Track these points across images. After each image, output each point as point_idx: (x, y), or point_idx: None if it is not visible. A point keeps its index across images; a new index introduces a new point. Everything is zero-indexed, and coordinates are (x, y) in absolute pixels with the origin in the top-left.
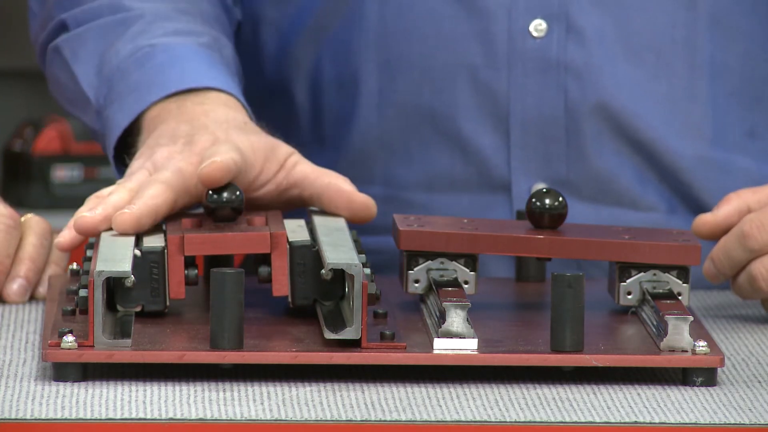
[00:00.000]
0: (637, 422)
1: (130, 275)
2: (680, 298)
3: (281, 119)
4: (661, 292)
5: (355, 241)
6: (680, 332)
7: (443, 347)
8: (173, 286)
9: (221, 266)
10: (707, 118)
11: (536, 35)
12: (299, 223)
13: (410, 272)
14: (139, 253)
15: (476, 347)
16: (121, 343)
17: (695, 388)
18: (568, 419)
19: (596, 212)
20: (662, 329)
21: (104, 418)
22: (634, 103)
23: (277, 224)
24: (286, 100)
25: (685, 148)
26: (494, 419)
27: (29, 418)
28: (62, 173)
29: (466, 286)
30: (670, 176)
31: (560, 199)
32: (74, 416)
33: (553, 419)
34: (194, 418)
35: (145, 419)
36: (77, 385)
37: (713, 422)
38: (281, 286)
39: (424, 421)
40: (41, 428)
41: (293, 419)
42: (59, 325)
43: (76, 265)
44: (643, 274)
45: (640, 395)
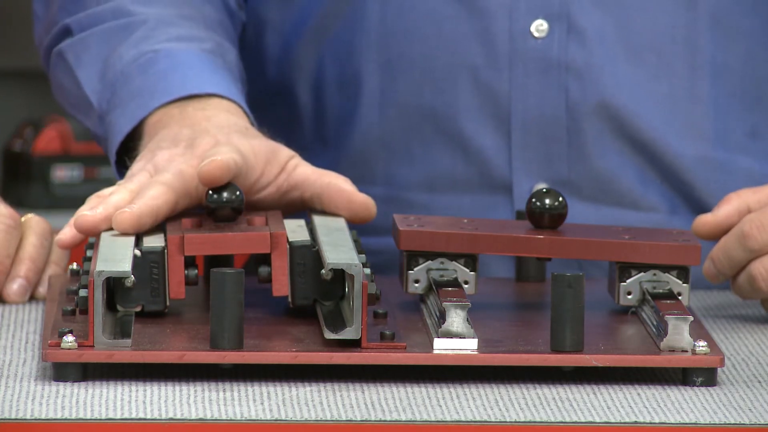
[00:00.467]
0: (637, 422)
1: (130, 275)
2: (680, 298)
3: (284, 121)
4: (661, 292)
5: (355, 241)
6: (680, 332)
7: (443, 347)
8: (173, 286)
9: (221, 266)
10: (708, 118)
11: (537, 35)
12: (299, 223)
13: (410, 272)
14: (139, 253)
15: (476, 347)
16: (121, 343)
17: (695, 388)
18: (568, 419)
19: (597, 212)
20: (662, 329)
21: (104, 418)
22: (635, 103)
23: (277, 224)
24: (288, 101)
25: (686, 148)
26: (494, 419)
27: (29, 418)
28: (62, 173)
29: (466, 286)
30: (671, 176)
31: (560, 199)
32: (74, 416)
33: (553, 419)
34: (194, 418)
35: (145, 419)
36: (77, 385)
37: (713, 422)
38: (281, 286)
39: (424, 421)
40: (41, 428)
41: (293, 419)
42: (59, 325)
43: (76, 265)
44: (643, 274)
45: (640, 395)
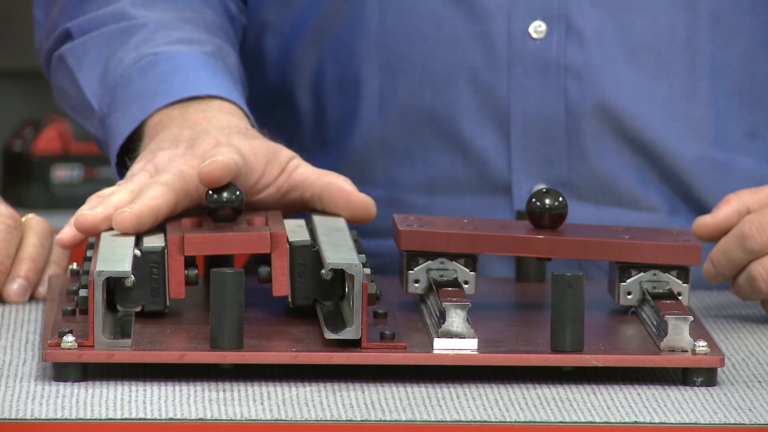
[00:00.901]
0: (637, 422)
1: (130, 275)
2: (680, 298)
3: (284, 123)
4: (661, 292)
5: (355, 241)
6: (680, 332)
7: (443, 347)
8: (173, 286)
9: (221, 266)
10: (708, 118)
11: (536, 37)
12: (299, 223)
13: (410, 272)
14: (139, 253)
15: (476, 347)
16: (121, 343)
17: (695, 388)
18: (568, 419)
19: (597, 213)
20: (662, 329)
21: (104, 418)
22: (634, 103)
23: (277, 224)
24: (289, 104)
25: (686, 148)
26: (494, 419)
27: (29, 418)
28: (62, 173)
29: (466, 286)
30: (671, 177)
31: (560, 199)
32: (74, 416)
33: (553, 419)
34: (194, 418)
35: (145, 419)
36: (77, 385)
37: (713, 422)
38: (281, 286)
39: (424, 421)
40: (41, 428)
41: (293, 419)
42: (59, 325)
43: (76, 265)
44: (643, 274)
45: (640, 395)
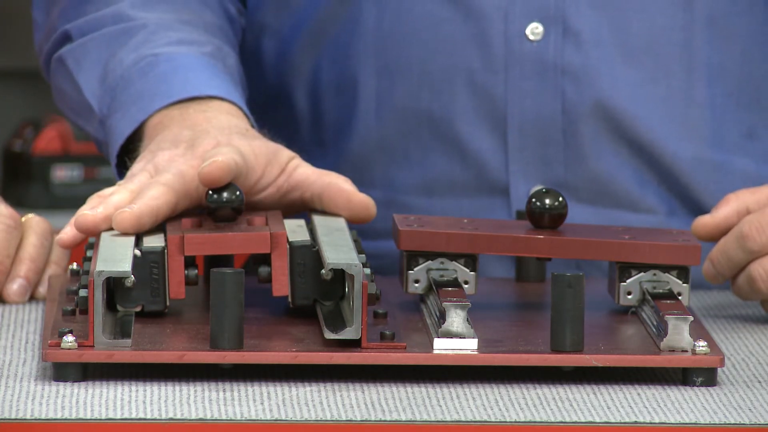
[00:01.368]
0: (637, 422)
1: (130, 275)
2: (680, 298)
3: (283, 125)
4: (661, 292)
5: (355, 240)
6: (680, 332)
7: (443, 347)
8: (173, 286)
9: (221, 266)
10: (705, 119)
11: (533, 38)
12: (299, 223)
13: (410, 272)
14: (139, 253)
15: (476, 347)
16: (121, 343)
17: (695, 388)
18: (568, 419)
19: (595, 214)
20: (662, 329)
21: (104, 418)
22: (631, 105)
23: (277, 224)
24: (287, 106)
25: (683, 149)
26: (494, 419)
27: (29, 418)
28: (62, 173)
29: (466, 286)
30: (668, 178)
31: (560, 199)
32: (74, 416)
33: (553, 419)
34: (194, 418)
35: (145, 419)
36: (77, 385)
37: (713, 422)
38: (281, 286)
39: (424, 421)
40: (41, 428)
41: (293, 419)
42: (59, 325)
43: (76, 265)
44: (643, 274)
45: (640, 395)
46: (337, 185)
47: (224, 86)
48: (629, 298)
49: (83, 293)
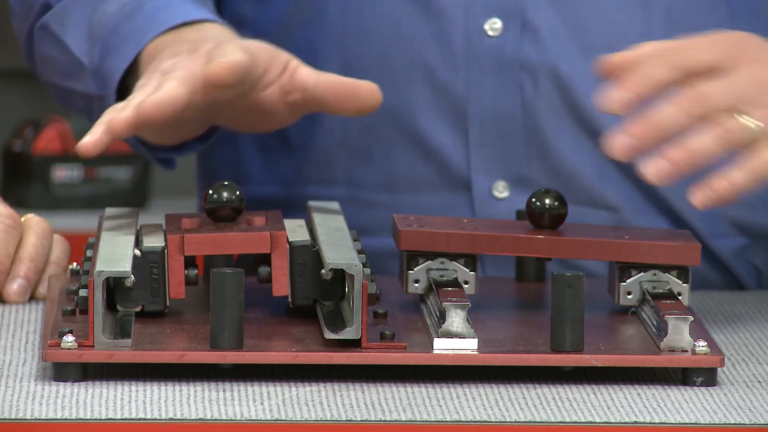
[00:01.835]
0: (637, 422)
1: (130, 275)
2: (680, 298)
3: None
4: (661, 292)
5: (355, 240)
6: (680, 332)
7: (443, 347)
8: (173, 286)
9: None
10: None
11: (492, 34)
12: (299, 223)
13: (410, 272)
14: (139, 253)
15: (476, 347)
16: (121, 343)
17: (695, 388)
18: (568, 419)
19: None
20: (662, 329)
21: (104, 418)
22: (591, 100)
23: (277, 224)
24: None
25: None
26: (494, 419)
27: (29, 418)
28: (62, 173)
29: (466, 286)
30: (632, 174)
31: (560, 199)
32: (74, 416)
33: (553, 419)
34: (194, 418)
35: (145, 419)
36: (77, 385)
37: (713, 422)
38: (281, 286)
39: (424, 421)
40: (41, 428)
41: (293, 419)
42: (59, 325)
43: (76, 265)
44: (643, 274)
45: (640, 395)
46: (339, 80)
47: (213, 15)
48: (629, 298)
49: (83, 293)
